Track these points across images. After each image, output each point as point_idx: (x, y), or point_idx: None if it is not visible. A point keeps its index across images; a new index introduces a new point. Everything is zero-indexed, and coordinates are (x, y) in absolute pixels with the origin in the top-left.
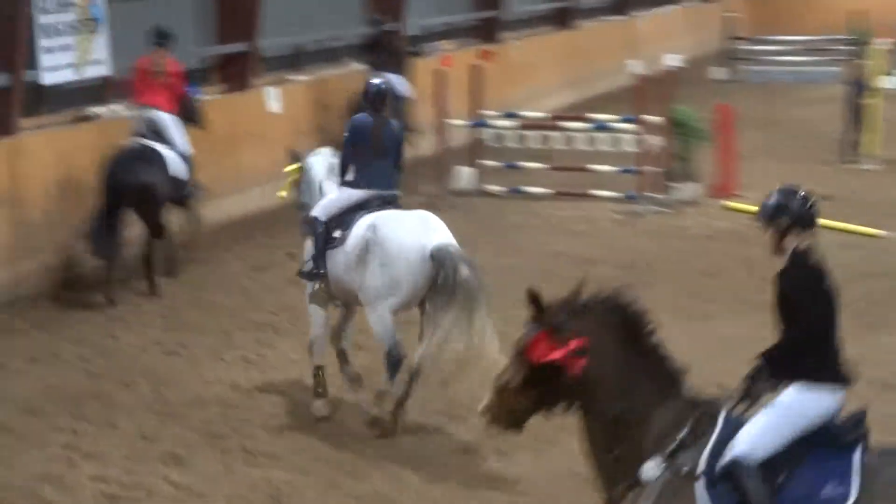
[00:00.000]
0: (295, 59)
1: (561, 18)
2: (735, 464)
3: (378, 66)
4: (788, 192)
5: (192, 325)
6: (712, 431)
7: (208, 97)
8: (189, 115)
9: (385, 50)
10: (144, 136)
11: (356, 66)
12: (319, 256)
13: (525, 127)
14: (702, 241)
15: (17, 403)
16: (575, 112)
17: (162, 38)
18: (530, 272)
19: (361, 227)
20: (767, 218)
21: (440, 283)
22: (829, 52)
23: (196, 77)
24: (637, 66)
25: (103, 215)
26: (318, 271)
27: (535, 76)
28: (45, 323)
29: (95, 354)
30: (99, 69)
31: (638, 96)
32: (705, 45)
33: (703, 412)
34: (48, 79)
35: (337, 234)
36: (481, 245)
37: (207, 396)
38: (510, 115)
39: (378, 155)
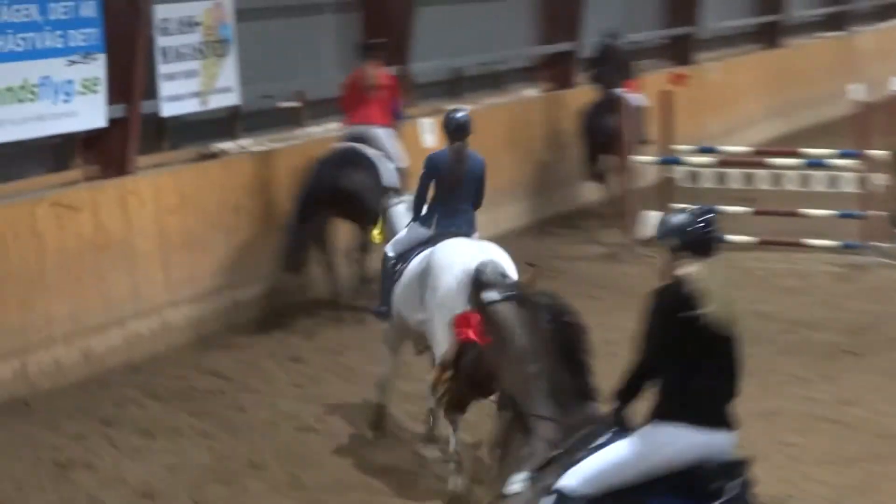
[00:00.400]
0: (453, 86)
1: (767, 35)
2: (559, 493)
3: (607, 82)
4: (689, 214)
5: (330, 395)
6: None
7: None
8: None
9: (613, 64)
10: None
11: (526, 93)
12: (387, 293)
13: (724, 164)
14: None
15: (131, 486)
16: (784, 146)
17: (371, 50)
18: None
19: (418, 258)
20: (659, 237)
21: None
22: None
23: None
24: (859, 91)
25: (300, 222)
26: (385, 309)
27: (735, 104)
28: (161, 392)
29: (220, 430)
30: (227, 98)
31: (860, 127)
32: None
33: (587, 433)
34: (168, 110)
35: (399, 267)
36: None
37: (349, 480)
38: (706, 151)
39: (454, 191)
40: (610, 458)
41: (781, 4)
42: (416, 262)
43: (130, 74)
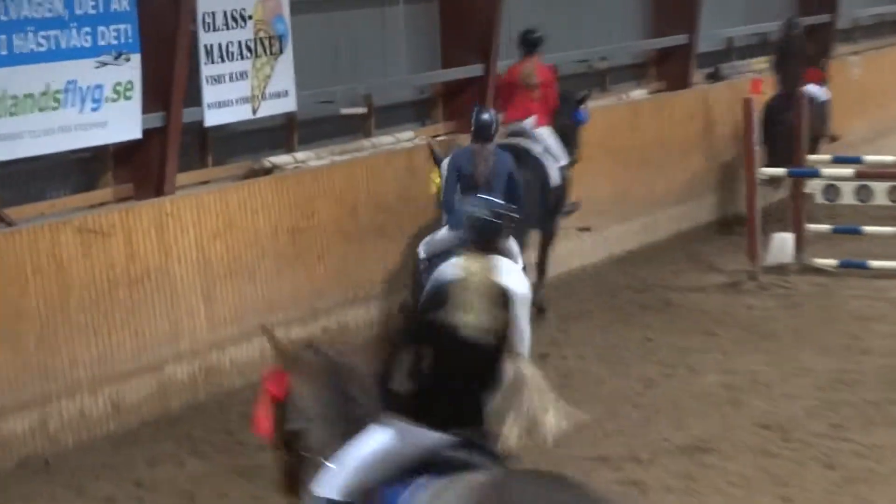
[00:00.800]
0: None
1: None
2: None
3: (787, 75)
4: (477, 204)
5: None
6: None
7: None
8: (568, 137)
9: (794, 55)
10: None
11: (634, 94)
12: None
13: (865, 176)
14: None
15: None
16: None
17: (532, 44)
18: (876, 381)
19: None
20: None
21: None
22: None
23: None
24: None
25: None
26: None
27: (881, 105)
28: (203, 447)
29: (272, 492)
30: (282, 104)
31: None
32: None
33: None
34: (213, 118)
35: (424, 277)
36: (805, 342)
37: None
38: (845, 161)
39: (480, 189)
40: (361, 455)
41: None
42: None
43: (169, 78)
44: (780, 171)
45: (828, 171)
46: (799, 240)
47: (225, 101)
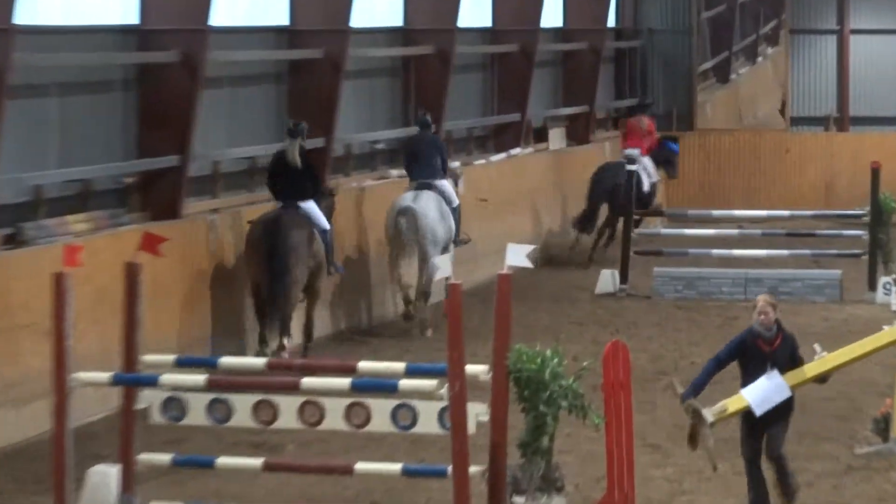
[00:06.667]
0: None
1: None
2: None
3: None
4: None
5: None
6: None
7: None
8: (666, 162)
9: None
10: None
11: None
12: None
13: (221, 386)
14: None
15: None
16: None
17: (644, 106)
18: None
19: None
20: None
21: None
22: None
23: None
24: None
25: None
26: None
27: None
28: None
29: None
30: None
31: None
32: None
33: None
34: None
35: None
36: None
37: None
38: (192, 363)
39: (418, 158)
40: None
41: None
42: None
43: None
44: (104, 377)
45: (169, 378)
46: (127, 475)
47: None
